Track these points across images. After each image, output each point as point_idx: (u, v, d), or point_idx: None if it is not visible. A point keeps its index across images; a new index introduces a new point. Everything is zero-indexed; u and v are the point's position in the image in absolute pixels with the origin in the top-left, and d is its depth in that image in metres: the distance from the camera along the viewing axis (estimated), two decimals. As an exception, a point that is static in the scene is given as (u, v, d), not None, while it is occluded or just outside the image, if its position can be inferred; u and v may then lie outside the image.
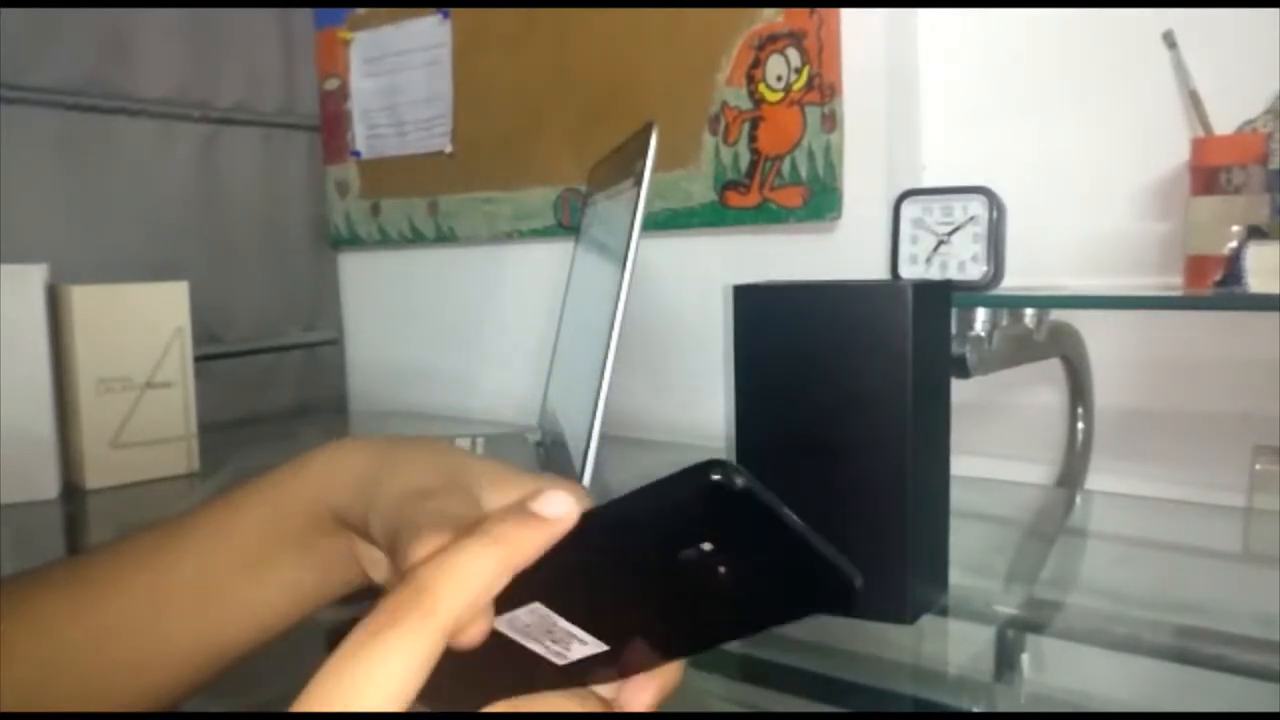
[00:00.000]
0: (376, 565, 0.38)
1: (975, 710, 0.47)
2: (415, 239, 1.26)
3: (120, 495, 0.89)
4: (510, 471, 0.35)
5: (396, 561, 0.30)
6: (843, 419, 0.52)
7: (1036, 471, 0.89)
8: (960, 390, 0.58)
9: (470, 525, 0.28)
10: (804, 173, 0.94)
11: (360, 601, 0.38)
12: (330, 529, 0.37)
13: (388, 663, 0.24)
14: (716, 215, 1.00)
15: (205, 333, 1.14)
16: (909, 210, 0.77)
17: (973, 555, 0.66)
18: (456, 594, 0.25)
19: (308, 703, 0.24)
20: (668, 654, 0.28)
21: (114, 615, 0.37)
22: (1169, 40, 0.82)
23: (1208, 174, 0.75)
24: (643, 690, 0.29)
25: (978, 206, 0.74)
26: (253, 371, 1.25)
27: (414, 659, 0.24)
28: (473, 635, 0.26)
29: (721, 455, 0.24)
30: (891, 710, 0.47)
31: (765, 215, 0.97)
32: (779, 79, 0.94)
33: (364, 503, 0.34)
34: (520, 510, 0.27)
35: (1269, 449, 0.77)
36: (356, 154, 1.30)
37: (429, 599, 0.25)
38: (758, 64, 0.95)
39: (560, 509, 0.27)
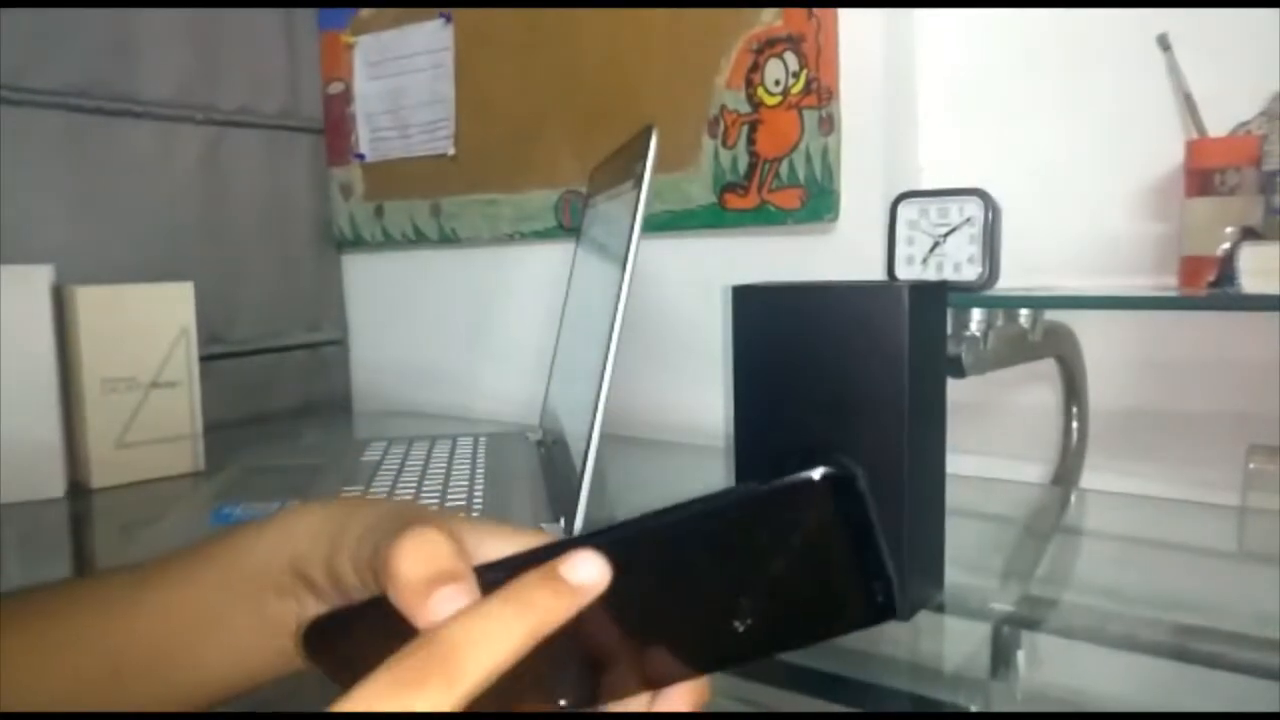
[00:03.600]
0: None
1: (972, 708, 0.48)
2: (418, 240, 1.27)
3: (126, 494, 0.89)
4: (494, 521, 0.33)
5: (380, 575, 0.28)
6: (840, 417, 0.52)
7: (1031, 470, 0.90)
8: (956, 390, 0.59)
9: (499, 590, 0.26)
10: (802, 175, 0.94)
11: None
12: (285, 586, 0.34)
13: None
14: (715, 217, 1.00)
15: (210, 333, 1.15)
16: (905, 212, 0.77)
17: (968, 553, 0.66)
18: (482, 662, 0.25)
19: None
20: (696, 667, 0.28)
21: (70, 670, 0.36)
22: (1164, 43, 0.83)
23: (1202, 176, 0.76)
24: (675, 703, 0.29)
25: (973, 208, 0.74)
26: (257, 371, 1.26)
27: None
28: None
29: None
30: (888, 706, 0.47)
31: (764, 217, 0.97)
32: (777, 83, 0.95)
33: (327, 546, 0.33)
34: (552, 575, 0.26)
35: (1263, 448, 0.78)
36: (361, 156, 1.30)
37: (455, 666, 0.24)
38: (756, 68, 0.96)
39: (593, 575, 0.26)
